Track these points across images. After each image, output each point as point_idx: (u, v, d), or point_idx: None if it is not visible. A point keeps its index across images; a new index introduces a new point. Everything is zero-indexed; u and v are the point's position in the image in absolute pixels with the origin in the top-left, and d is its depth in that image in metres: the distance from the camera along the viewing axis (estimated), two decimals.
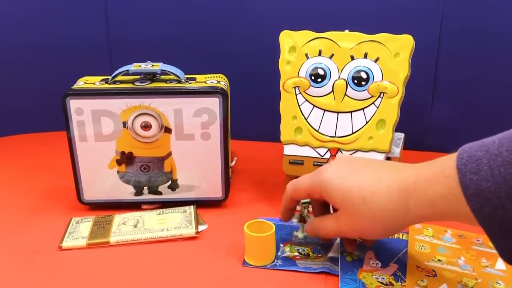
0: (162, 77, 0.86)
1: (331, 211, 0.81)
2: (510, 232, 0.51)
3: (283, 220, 0.76)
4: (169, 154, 0.85)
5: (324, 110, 0.82)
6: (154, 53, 1.05)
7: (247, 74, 1.13)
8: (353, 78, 0.79)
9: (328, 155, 0.82)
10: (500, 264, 0.72)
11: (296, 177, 0.85)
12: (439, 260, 0.72)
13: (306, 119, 0.83)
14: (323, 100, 0.82)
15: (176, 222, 0.81)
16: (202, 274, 0.71)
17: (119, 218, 0.84)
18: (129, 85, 0.82)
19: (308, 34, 0.83)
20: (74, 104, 0.80)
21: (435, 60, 1.05)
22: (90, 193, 0.87)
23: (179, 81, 0.83)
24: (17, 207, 0.89)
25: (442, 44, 1.04)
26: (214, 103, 0.81)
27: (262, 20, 1.09)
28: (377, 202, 0.60)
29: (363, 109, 0.80)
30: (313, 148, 0.83)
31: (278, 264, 0.73)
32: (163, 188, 0.87)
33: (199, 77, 0.86)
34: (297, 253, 0.76)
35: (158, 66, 0.84)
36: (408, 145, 1.05)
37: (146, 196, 0.88)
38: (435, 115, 1.11)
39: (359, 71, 0.79)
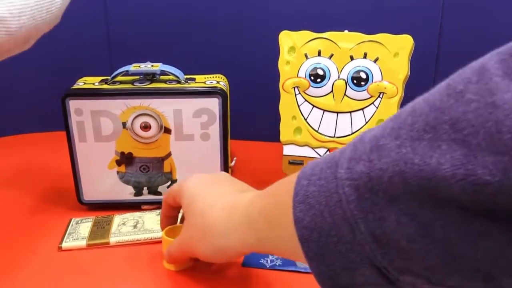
0: (162, 77, 0.85)
1: None
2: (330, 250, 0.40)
3: (161, 227, 0.72)
4: (169, 154, 0.85)
5: (324, 110, 0.82)
6: (154, 53, 1.05)
7: (247, 74, 1.13)
8: (353, 78, 0.79)
9: None
10: None
11: None
12: None
13: (305, 119, 0.83)
14: (323, 100, 0.82)
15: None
16: (201, 274, 0.71)
17: (118, 218, 0.84)
18: (129, 86, 0.82)
19: (307, 34, 0.83)
20: (73, 104, 0.80)
21: (434, 60, 1.05)
22: (90, 194, 0.87)
23: (179, 82, 0.83)
24: (16, 208, 0.89)
25: (442, 44, 1.04)
26: (213, 104, 0.81)
27: (262, 20, 1.09)
28: (210, 215, 0.55)
29: (362, 109, 0.80)
30: (313, 148, 0.83)
31: (277, 264, 0.73)
32: (162, 188, 0.87)
33: (199, 78, 0.86)
34: None
35: (158, 67, 0.84)
36: None
37: (146, 196, 0.88)
38: None
39: (358, 71, 0.79)
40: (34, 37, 0.68)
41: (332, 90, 0.81)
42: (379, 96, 0.79)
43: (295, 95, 0.83)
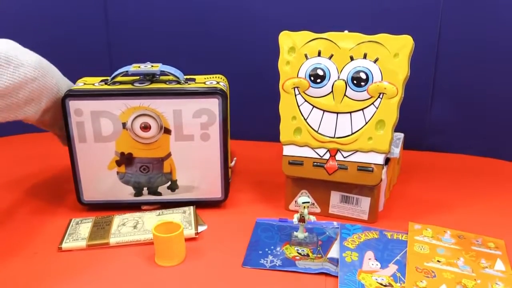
0: (162, 77, 0.85)
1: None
2: None
3: None
4: (169, 155, 0.85)
5: (324, 111, 0.82)
6: (154, 54, 1.05)
7: (247, 74, 1.13)
8: (353, 78, 0.79)
9: (327, 156, 0.82)
10: (500, 265, 0.72)
11: (296, 177, 0.86)
12: (438, 261, 0.72)
13: (305, 119, 0.83)
14: (323, 100, 0.82)
15: None
16: (202, 274, 0.71)
17: (118, 219, 0.84)
18: (129, 86, 0.82)
19: (307, 34, 0.83)
20: (73, 105, 0.80)
21: (434, 60, 1.05)
22: (90, 194, 0.87)
23: (179, 82, 0.83)
24: (16, 208, 0.89)
25: (442, 44, 1.04)
26: (213, 104, 0.81)
27: (262, 21, 1.09)
28: None
29: (362, 109, 0.80)
30: (313, 148, 0.83)
31: (277, 264, 0.73)
32: (162, 188, 0.87)
33: (199, 78, 0.86)
34: (296, 254, 0.76)
35: (158, 67, 0.84)
36: (407, 145, 1.05)
37: (146, 196, 0.88)
38: (434, 115, 1.11)
39: (358, 72, 0.79)
40: None
41: (332, 91, 0.81)
42: (379, 97, 0.79)
43: (295, 95, 0.83)
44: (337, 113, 0.81)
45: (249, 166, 1.06)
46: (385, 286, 0.68)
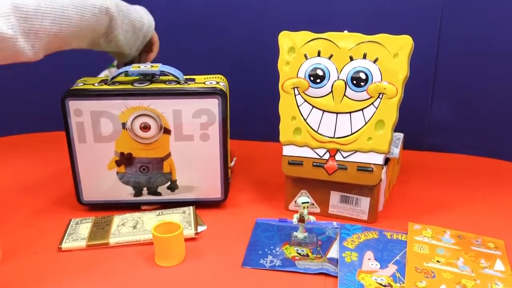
0: (161, 78, 0.85)
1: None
2: None
3: None
4: (169, 155, 0.85)
5: (323, 111, 0.82)
6: None
7: (247, 74, 1.13)
8: (352, 78, 0.79)
9: (327, 156, 0.82)
10: (499, 265, 0.72)
11: (296, 177, 0.86)
12: (438, 261, 0.72)
13: (305, 119, 0.83)
14: (322, 100, 0.82)
15: None
16: (201, 275, 0.71)
17: (118, 219, 0.84)
18: (128, 86, 0.82)
19: (307, 34, 0.83)
20: (73, 105, 0.80)
21: (434, 60, 1.05)
22: (90, 194, 0.87)
23: (178, 82, 0.83)
24: (16, 208, 0.89)
25: (441, 44, 1.04)
26: (213, 104, 0.81)
27: (262, 21, 1.09)
28: None
29: (362, 109, 0.80)
30: (312, 148, 0.83)
31: (277, 264, 0.73)
32: (162, 189, 0.87)
33: (198, 78, 0.86)
34: (296, 254, 0.76)
35: (157, 67, 0.84)
36: (407, 145, 1.05)
37: (146, 197, 0.88)
38: (434, 115, 1.11)
39: (358, 72, 0.79)
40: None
41: (331, 91, 0.81)
42: (378, 97, 0.79)
43: (295, 95, 0.83)
44: (337, 113, 0.81)
45: (249, 166, 1.06)
46: (384, 286, 0.68)
